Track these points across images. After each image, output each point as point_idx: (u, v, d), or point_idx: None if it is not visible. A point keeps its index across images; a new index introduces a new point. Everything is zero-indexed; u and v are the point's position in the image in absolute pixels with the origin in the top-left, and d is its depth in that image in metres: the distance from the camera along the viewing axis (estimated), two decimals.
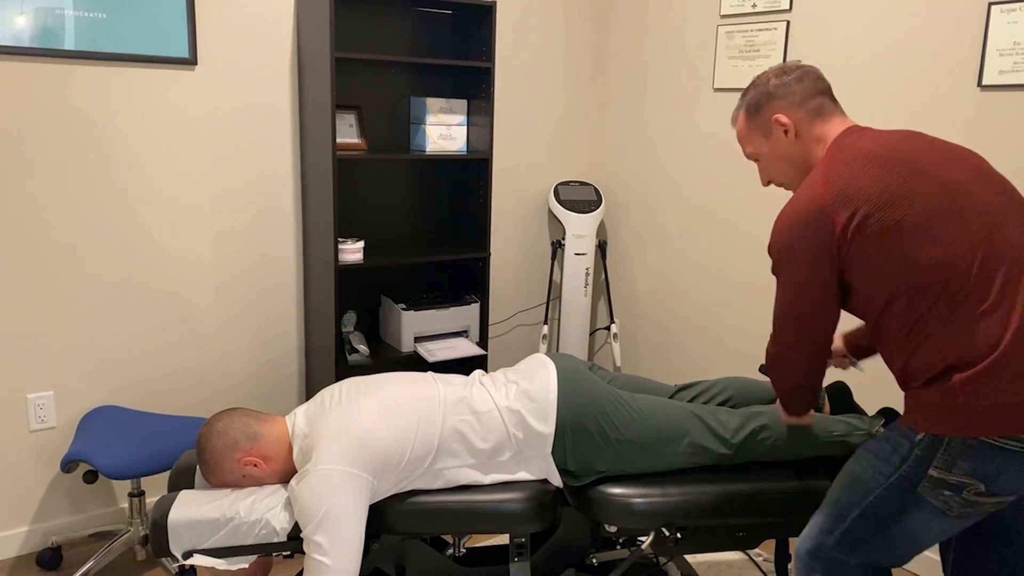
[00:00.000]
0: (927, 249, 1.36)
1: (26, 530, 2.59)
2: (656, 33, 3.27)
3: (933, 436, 1.36)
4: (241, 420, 1.76)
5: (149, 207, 2.63)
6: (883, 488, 1.41)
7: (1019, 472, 1.33)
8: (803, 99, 1.61)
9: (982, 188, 1.40)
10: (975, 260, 1.34)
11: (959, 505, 1.36)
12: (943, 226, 1.36)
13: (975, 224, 1.36)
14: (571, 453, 1.77)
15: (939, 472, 1.36)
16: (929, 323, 1.37)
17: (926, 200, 1.37)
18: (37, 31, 2.34)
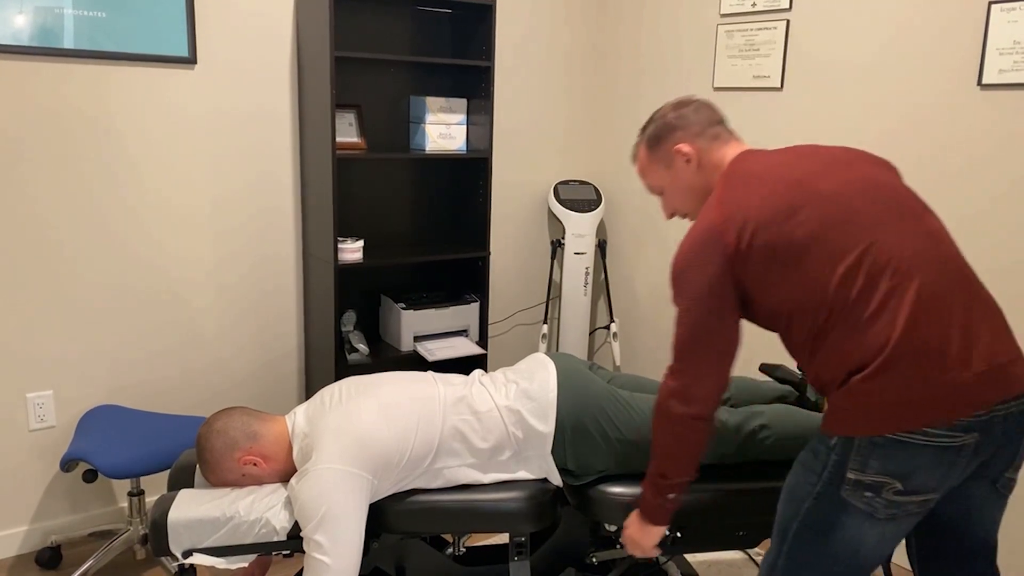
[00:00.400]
0: (812, 264, 1.41)
1: (25, 529, 2.59)
2: (656, 32, 3.27)
3: (844, 439, 1.38)
4: (241, 419, 1.76)
5: (148, 206, 2.63)
6: (813, 497, 1.43)
7: (931, 466, 1.34)
8: (702, 128, 1.68)
9: (864, 197, 1.45)
10: (860, 270, 1.38)
11: (883, 506, 1.37)
12: (826, 241, 1.41)
13: (857, 235, 1.40)
14: (571, 452, 1.77)
15: (856, 474, 1.37)
16: (827, 333, 1.41)
17: (808, 217, 1.42)
18: (36, 30, 2.34)
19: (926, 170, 2.47)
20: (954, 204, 2.41)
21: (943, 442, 1.33)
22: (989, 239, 2.34)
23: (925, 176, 2.47)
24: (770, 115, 2.88)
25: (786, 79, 2.82)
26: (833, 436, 1.40)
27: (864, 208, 1.44)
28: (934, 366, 1.33)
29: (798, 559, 1.45)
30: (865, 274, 1.39)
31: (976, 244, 2.37)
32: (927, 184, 2.47)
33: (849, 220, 1.42)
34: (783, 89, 2.83)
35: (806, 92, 2.76)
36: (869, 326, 1.37)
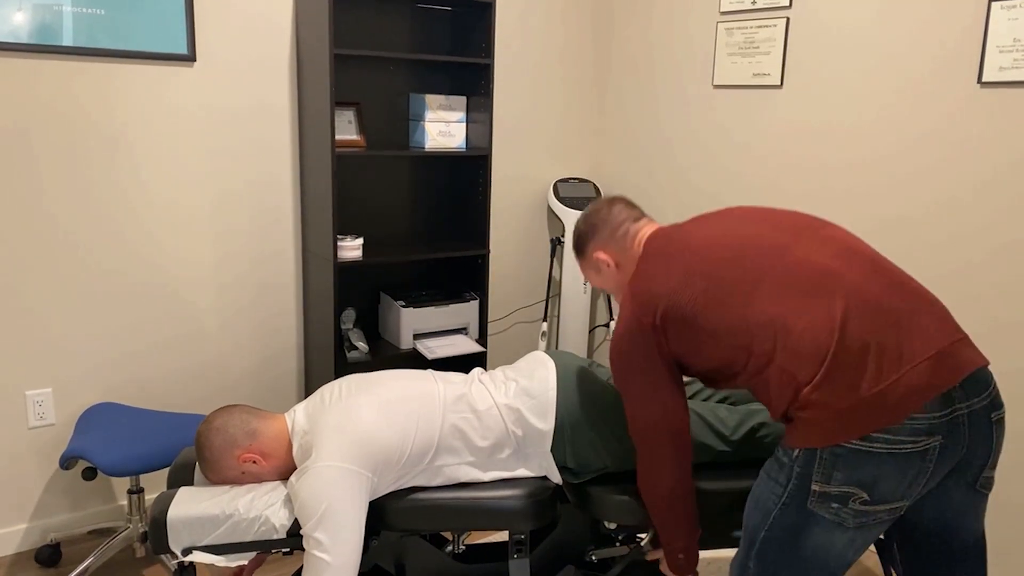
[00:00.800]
0: (721, 310, 1.46)
1: (25, 527, 2.59)
2: (656, 30, 3.27)
3: (806, 451, 1.38)
4: (240, 417, 1.76)
5: (148, 204, 2.62)
6: (779, 507, 1.43)
7: (896, 474, 1.33)
8: (612, 232, 1.80)
9: (757, 227, 1.52)
10: (771, 297, 1.42)
11: (851, 516, 1.37)
12: (722, 284, 1.47)
13: (757, 265, 1.46)
14: (570, 450, 1.77)
15: (820, 486, 1.37)
16: (767, 366, 1.43)
17: (702, 270, 1.49)
18: (36, 27, 2.33)
19: (926, 168, 2.47)
20: (953, 201, 2.41)
21: (906, 448, 1.32)
22: (988, 232, 2.34)
23: (925, 173, 2.47)
24: (770, 113, 2.88)
25: (786, 77, 2.82)
26: (794, 448, 1.40)
27: (758, 237, 1.50)
28: (875, 367, 1.33)
29: (768, 564, 1.45)
30: (779, 298, 1.41)
31: (976, 240, 2.37)
32: (926, 182, 2.47)
33: (742, 255, 1.48)
34: (783, 87, 2.83)
35: (806, 90, 2.76)
36: (803, 343, 1.38)
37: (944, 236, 2.44)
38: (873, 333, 1.36)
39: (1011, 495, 2.35)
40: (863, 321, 1.36)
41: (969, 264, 2.39)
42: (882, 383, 1.33)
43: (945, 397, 1.34)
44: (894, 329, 1.36)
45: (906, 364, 1.33)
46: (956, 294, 2.43)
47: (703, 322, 1.48)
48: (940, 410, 1.33)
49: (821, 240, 1.49)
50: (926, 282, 2.49)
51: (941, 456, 1.35)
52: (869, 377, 1.33)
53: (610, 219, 1.80)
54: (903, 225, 2.54)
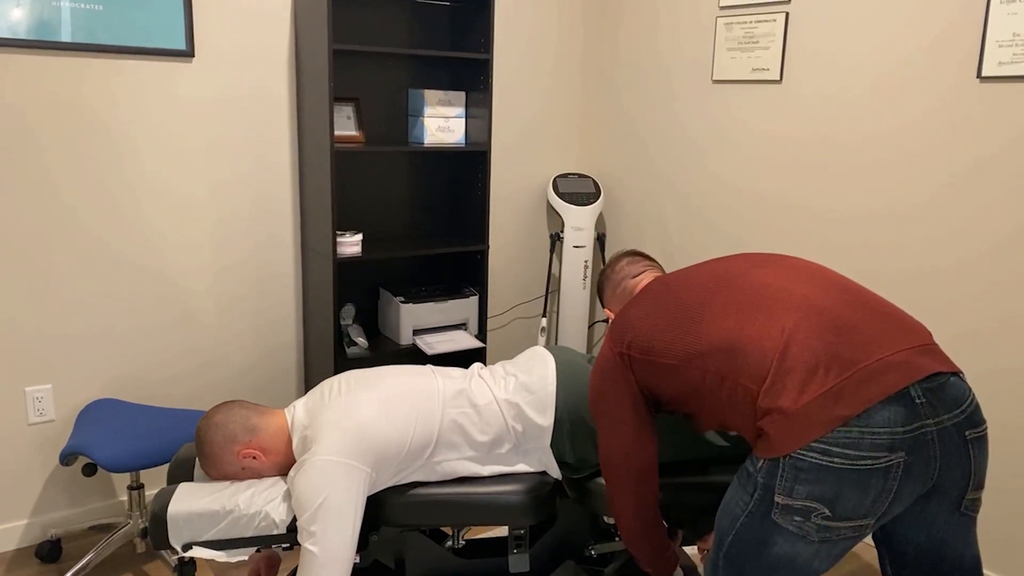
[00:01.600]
0: (678, 339, 1.48)
1: (25, 523, 2.59)
2: (655, 24, 3.26)
3: (770, 463, 1.36)
4: (240, 413, 1.76)
5: (147, 202, 2.62)
6: (745, 515, 1.42)
7: (856, 490, 1.30)
8: (612, 290, 1.93)
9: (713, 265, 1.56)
10: (718, 324, 1.44)
11: (815, 530, 1.35)
12: (683, 316, 1.49)
13: (704, 294, 1.50)
14: (570, 445, 1.77)
15: (783, 499, 1.35)
16: (721, 387, 1.43)
17: (669, 305, 1.53)
18: (33, 23, 2.33)
19: (925, 163, 2.47)
20: (953, 194, 2.41)
21: (867, 464, 1.29)
22: (987, 227, 2.34)
23: (924, 169, 2.47)
24: (769, 108, 2.88)
25: (785, 72, 2.81)
26: (759, 459, 1.39)
27: (726, 266, 1.54)
28: (825, 371, 1.32)
29: (735, 567, 1.45)
30: (730, 315, 1.43)
31: (974, 233, 2.37)
32: (926, 177, 2.47)
33: (703, 283, 1.52)
34: (782, 82, 2.83)
35: (805, 85, 2.76)
36: (751, 353, 1.38)
37: (942, 230, 2.44)
38: (826, 343, 1.34)
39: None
40: (815, 331, 1.35)
41: (966, 257, 2.39)
42: (831, 383, 1.31)
43: (909, 411, 1.29)
44: (849, 340, 1.34)
45: (860, 363, 1.31)
46: (952, 289, 2.43)
47: (661, 346, 1.50)
48: (904, 425, 1.29)
49: (788, 266, 1.51)
50: (922, 276, 2.50)
51: (907, 474, 1.31)
52: (818, 380, 1.31)
53: (612, 277, 1.95)
54: (901, 218, 2.54)
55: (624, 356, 1.55)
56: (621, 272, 1.93)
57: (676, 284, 1.56)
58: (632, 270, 1.92)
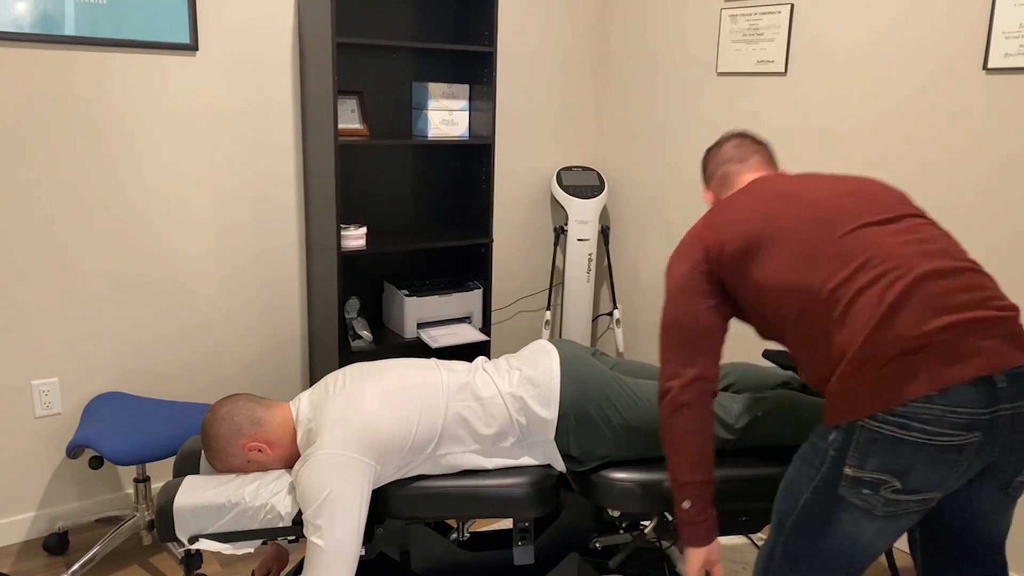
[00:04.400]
0: (789, 259, 1.46)
1: (33, 515, 2.61)
2: (659, 17, 3.25)
3: (844, 433, 1.37)
4: (245, 406, 1.77)
5: (150, 193, 2.63)
6: (810, 492, 1.42)
7: (930, 465, 1.32)
8: (713, 172, 1.81)
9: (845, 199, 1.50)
10: (839, 262, 1.41)
11: (881, 504, 1.36)
12: (798, 238, 1.46)
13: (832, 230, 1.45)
14: (574, 438, 1.78)
15: (854, 470, 1.36)
16: (802, 325, 1.43)
17: (785, 215, 1.50)
18: (38, 17, 2.33)
19: (930, 154, 2.46)
20: (958, 187, 2.40)
21: (943, 440, 1.31)
22: (992, 221, 2.34)
23: (929, 160, 2.46)
24: (774, 100, 2.87)
25: (790, 64, 2.80)
26: (831, 431, 1.39)
27: (842, 207, 1.48)
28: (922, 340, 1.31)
29: (794, 551, 1.45)
30: (845, 265, 1.40)
31: (979, 226, 2.36)
32: (931, 167, 2.46)
33: (823, 217, 1.47)
34: (787, 74, 2.82)
35: (810, 76, 2.75)
36: (851, 313, 1.37)
37: (949, 224, 2.43)
38: (926, 311, 1.33)
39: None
40: (917, 302, 1.34)
41: (973, 248, 2.38)
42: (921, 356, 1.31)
43: (991, 394, 1.30)
44: (949, 313, 1.33)
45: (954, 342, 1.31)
46: None
47: (759, 266, 1.49)
48: (985, 407, 1.30)
49: (907, 228, 1.45)
50: None
51: (977, 453, 1.33)
52: (910, 353, 1.31)
53: (716, 158, 1.80)
54: None
55: (711, 251, 1.55)
56: (726, 155, 1.78)
57: (793, 202, 1.51)
58: (737, 154, 1.77)
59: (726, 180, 1.76)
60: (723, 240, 1.55)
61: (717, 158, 1.80)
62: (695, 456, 1.57)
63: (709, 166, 1.83)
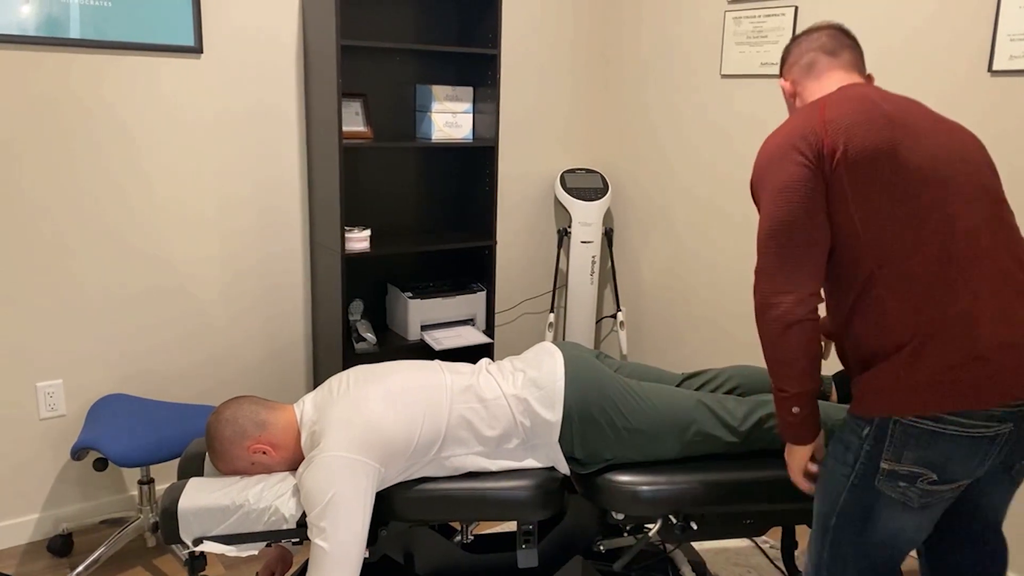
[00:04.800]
0: (897, 205, 1.35)
1: (37, 517, 2.61)
2: (663, 19, 3.25)
3: (878, 428, 1.37)
4: (250, 408, 1.77)
5: (154, 196, 2.63)
6: (847, 489, 1.42)
7: (966, 456, 1.34)
8: (797, 58, 1.61)
9: (960, 167, 1.40)
10: (937, 232, 1.35)
11: (918, 496, 1.37)
12: (916, 189, 1.36)
13: (950, 198, 1.37)
14: (578, 441, 1.78)
15: (890, 464, 1.36)
16: (879, 283, 1.37)
17: (919, 154, 1.37)
18: (43, 20, 2.34)
19: None
20: None
21: (979, 432, 1.32)
22: None
23: None
24: (779, 102, 2.87)
25: None
26: (864, 425, 1.38)
27: (959, 177, 1.39)
28: (994, 347, 1.31)
29: (842, 551, 1.45)
30: (940, 241, 1.35)
31: None
32: None
33: (943, 182, 1.37)
34: None
35: None
36: (929, 292, 1.34)
37: None
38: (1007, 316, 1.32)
39: None
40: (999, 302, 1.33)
41: None
42: (974, 372, 1.31)
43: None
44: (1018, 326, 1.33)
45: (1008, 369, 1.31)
46: None
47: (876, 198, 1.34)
48: (1018, 400, 1.33)
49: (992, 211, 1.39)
50: None
51: (1007, 442, 1.36)
52: (964, 364, 1.31)
53: (805, 43, 1.61)
54: None
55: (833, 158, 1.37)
56: (818, 42, 1.60)
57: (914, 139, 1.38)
58: (831, 44, 1.59)
59: (813, 69, 1.58)
60: (848, 143, 1.36)
61: (806, 43, 1.61)
62: (808, 368, 1.45)
63: (794, 52, 1.63)
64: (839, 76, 1.56)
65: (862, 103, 1.42)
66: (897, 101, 1.45)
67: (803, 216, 1.39)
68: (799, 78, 1.61)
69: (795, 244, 1.40)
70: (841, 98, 1.44)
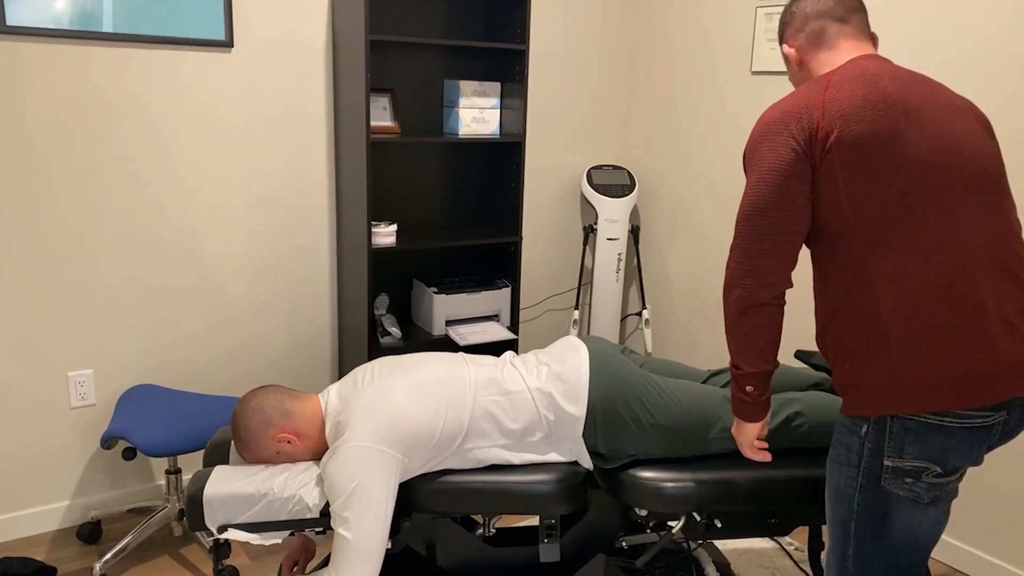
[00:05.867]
0: (890, 192, 1.33)
1: (67, 504, 2.65)
2: (693, 15, 3.23)
3: (876, 424, 1.36)
4: (275, 397, 1.78)
5: (185, 190, 2.66)
6: (858, 493, 1.41)
7: (965, 447, 1.35)
8: (802, 24, 1.53)
9: (961, 155, 1.37)
10: (931, 224, 1.33)
11: (925, 490, 1.36)
12: (911, 177, 1.33)
13: (947, 187, 1.34)
14: (602, 436, 1.77)
15: (893, 461, 1.36)
16: (869, 271, 1.34)
17: (904, 148, 1.33)
18: (77, 13, 2.37)
19: None
20: None
21: (976, 422, 1.33)
22: None
23: None
24: None
25: None
26: (861, 424, 1.38)
27: (959, 165, 1.36)
28: (988, 345, 1.30)
29: (867, 556, 1.44)
30: (937, 231, 1.33)
31: None
32: None
33: (944, 172, 1.35)
34: None
35: None
36: (920, 283, 1.32)
37: None
38: (998, 313, 1.32)
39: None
40: (991, 297, 1.32)
41: None
42: (961, 371, 1.31)
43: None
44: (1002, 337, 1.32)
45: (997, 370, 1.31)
46: None
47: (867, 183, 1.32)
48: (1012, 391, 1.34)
49: (994, 205, 1.37)
50: None
51: (1003, 428, 1.36)
52: (952, 363, 1.31)
53: (807, 6, 1.53)
54: None
55: (827, 141, 1.34)
56: (824, 5, 1.52)
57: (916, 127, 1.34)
58: (839, 10, 1.51)
59: (822, 38, 1.50)
60: (844, 128, 1.34)
61: (811, 6, 1.52)
62: (765, 348, 1.47)
63: (797, 15, 1.55)
64: (849, 46, 1.50)
65: (866, 84, 1.37)
66: (903, 79, 1.40)
67: (784, 203, 1.38)
68: (806, 46, 1.54)
69: (771, 230, 1.40)
70: (845, 77, 1.39)
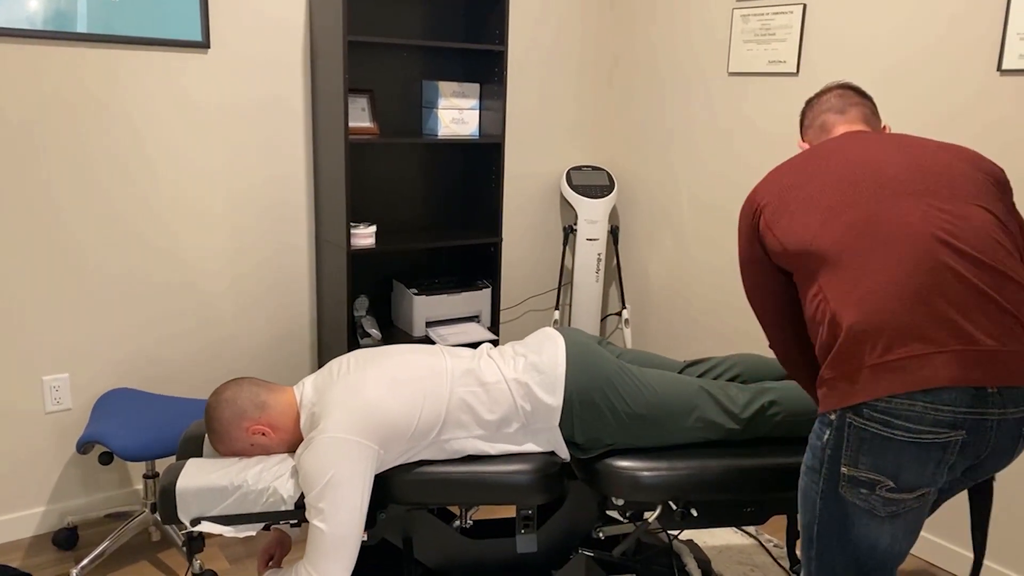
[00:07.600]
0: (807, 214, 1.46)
1: (43, 510, 2.62)
2: (671, 17, 3.26)
3: (836, 430, 1.37)
4: (249, 389, 1.77)
5: (161, 192, 2.65)
6: (820, 497, 1.42)
7: (917, 464, 1.32)
8: (811, 121, 1.75)
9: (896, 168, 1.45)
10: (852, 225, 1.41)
11: (880, 504, 1.35)
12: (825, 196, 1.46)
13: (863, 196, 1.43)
14: (578, 426, 1.77)
15: (849, 469, 1.36)
16: (816, 284, 1.44)
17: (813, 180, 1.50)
18: (51, 14, 2.37)
19: None
20: None
21: (927, 439, 1.30)
22: None
23: None
24: (785, 100, 2.86)
25: (802, 64, 2.80)
26: (825, 429, 1.39)
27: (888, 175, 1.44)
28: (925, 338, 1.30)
29: (828, 560, 1.44)
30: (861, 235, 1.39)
31: None
32: None
33: (859, 181, 1.44)
34: (799, 74, 2.81)
35: (822, 77, 2.74)
36: (858, 286, 1.35)
37: None
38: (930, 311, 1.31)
39: None
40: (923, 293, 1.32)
41: None
42: (917, 351, 1.30)
43: (979, 399, 1.29)
44: (953, 314, 1.31)
45: (950, 345, 1.29)
46: None
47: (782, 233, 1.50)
48: (969, 407, 1.29)
49: (943, 206, 1.40)
50: None
51: (963, 450, 1.33)
52: (906, 346, 1.30)
53: (817, 106, 1.75)
54: None
55: (758, 217, 1.57)
56: (827, 103, 1.72)
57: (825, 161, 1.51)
58: (839, 104, 1.70)
59: (824, 130, 1.70)
60: (762, 204, 1.56)
61: (818, 107, 1.74)
62: (807, 372, 1.67)
63: (808, 115, 1.77)
64: (842, 130, 1.68)
65: (807, 152, 1.57)
66: (864, 142, 1.54)
67: (756, 287, 1.63)
68: (812, 141, 1.75)
69: (766, 308, 1.64)
70: (786, 164, 1.59)
